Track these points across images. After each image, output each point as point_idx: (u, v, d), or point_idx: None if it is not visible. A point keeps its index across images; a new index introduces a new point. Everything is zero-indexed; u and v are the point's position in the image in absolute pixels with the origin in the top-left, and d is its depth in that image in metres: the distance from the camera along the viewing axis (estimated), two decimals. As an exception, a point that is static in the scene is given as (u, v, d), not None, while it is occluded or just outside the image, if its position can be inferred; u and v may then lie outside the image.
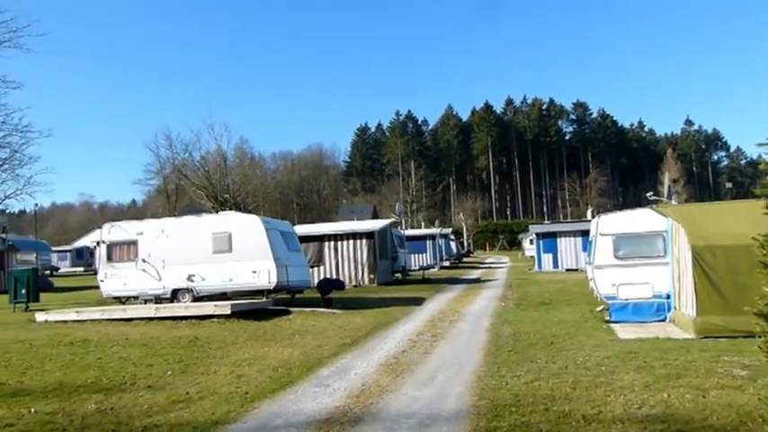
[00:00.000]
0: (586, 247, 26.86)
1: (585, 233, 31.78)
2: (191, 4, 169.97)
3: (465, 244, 75.27)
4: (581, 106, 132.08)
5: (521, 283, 27.72)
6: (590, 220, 31.07)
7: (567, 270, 35.57)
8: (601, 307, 15.16)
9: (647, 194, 37.81)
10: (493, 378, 8.47)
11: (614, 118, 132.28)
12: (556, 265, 36.89)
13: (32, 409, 7.46)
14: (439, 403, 7.35)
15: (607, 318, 13.84)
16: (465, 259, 58.07)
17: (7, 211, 51.86)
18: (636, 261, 14.18)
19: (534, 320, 14.60)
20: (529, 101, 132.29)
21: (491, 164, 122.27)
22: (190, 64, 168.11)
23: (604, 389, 7.53)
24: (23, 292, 20.00)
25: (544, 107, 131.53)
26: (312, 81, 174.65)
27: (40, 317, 16.81)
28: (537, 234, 39.29)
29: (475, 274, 37.47)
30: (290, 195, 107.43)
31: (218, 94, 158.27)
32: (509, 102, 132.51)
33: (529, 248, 52.60)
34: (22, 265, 31.94)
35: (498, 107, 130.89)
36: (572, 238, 36.69)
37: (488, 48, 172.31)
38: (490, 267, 46.03)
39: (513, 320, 14.74)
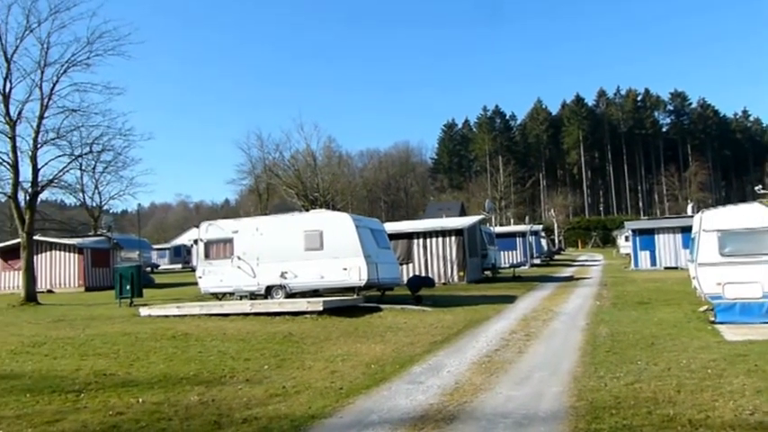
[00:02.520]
0: (687, 243, 25.70)
1: (686, 229, 30.50)
2: (277, 3, 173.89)
3: (556, 241, 73.53)
4: (679, 96, 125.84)
5: (616, 281, 26.82)
6: (690, 216, 29.75)
7: (666, 268, 34.12)
8: (705, 307, 14.45)
9: (755, 188, 35.61)
10: (591, 379, 8.23)
11: (716, 107, 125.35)
12: (654, 262, 35.44)
13: (140, 399, 7.84)
14: (535, 403, 7.19)
15: (712, 318, 13.15)
16: (556, 257, 56.84)
17: (111, 211, 55.12)
18: (743, 258, 13.39)
19: (633, 320, 14.07)
20: (623, 92, 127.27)
21: (582, 158, 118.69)
22: (278, 63, 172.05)
23: (711, 393, 7.18)
24: (128, 287, 21.10)
25: (639, 98, 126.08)
26: (398, 78, 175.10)
27: (143, 311, 17.68)
28: (633, 230, 37.89)
29: (567, 271, 36.59)
30: (377, 193, 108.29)
31: (306, 93, 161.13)
32: (601, 93, 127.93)
33: (624, 245, 50.88)
34: (125, 262, 33.81)
35: (590, 99, 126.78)
36: (671, 235, 35.15)
37: (579, 36, 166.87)
38: (583, 265, 44.81)
39: (610, 320, 14.26)
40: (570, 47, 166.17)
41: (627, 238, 45.21)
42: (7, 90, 23.26)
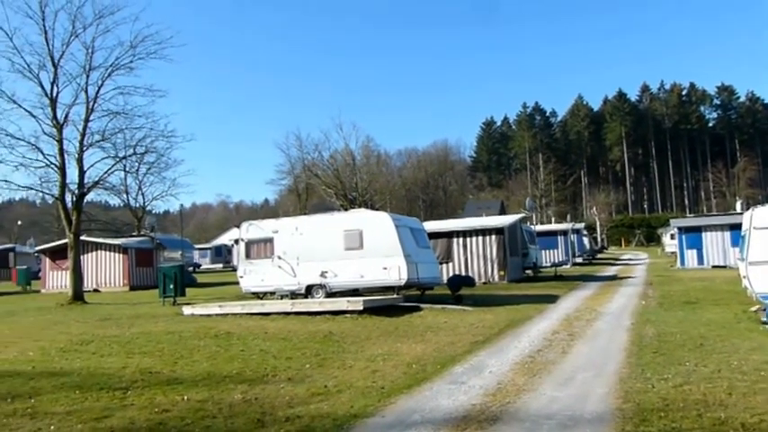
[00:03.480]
0: (736, 241, 24.99)
1: (734, 227, 29.70)
2: (315, 3, 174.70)
3: (598, 239, 72.40)
4: (726, 90, 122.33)
5: (662, 280, 26.24)
6: (739, 213, 28.93)
7: (714, 267, 33.27)
8: (756, 307, 14.03)
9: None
10: (637, 380, 8.04)
11: (765, 101, 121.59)
12: (701, 261, 34.60)
13: (185, 397, 7.95)
14: (580, 405, 7.05)
15: (764, 318, 12.74)
16: (599, 255, 55.96)
17: (154, 212, 56.22)
18: (797, 257, 12.96)
19: (680, 320, 13.73)
20: (667, 86, 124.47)
21: (626, 155, 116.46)
22: (317, 63, 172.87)
23: (765, 396, 6.97)
24: (171, 287, 21.44)
25: (684, 92, 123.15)
26: (436, 77, 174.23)
27: (186, 310, 17.95)
28: (679, 228, 37.04)
29: (610, 270, 35.97)
30: (415, 192, 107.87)
31: (345, 93, 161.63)
32: (645, 88, 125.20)
33: (669, 244, 49.83)
34: (168, 261, 34.38)
35: (633, 95, 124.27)
36: (719, 233, 34.24)
37: (620, 31, 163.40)
38: (627, 264, 43.99)
39: (657, 320, 13.93)
40: (612, 42, 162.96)
41: (672, 236, 44.27)
42: (54, 94, 23.80)
